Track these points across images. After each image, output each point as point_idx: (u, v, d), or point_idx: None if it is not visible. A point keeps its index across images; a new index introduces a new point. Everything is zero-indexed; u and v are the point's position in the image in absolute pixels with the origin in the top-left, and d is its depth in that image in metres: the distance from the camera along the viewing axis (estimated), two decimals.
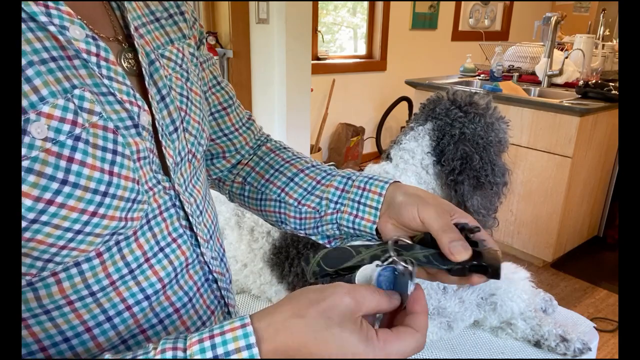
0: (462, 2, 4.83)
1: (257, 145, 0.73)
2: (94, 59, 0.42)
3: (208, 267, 0.55)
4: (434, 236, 0.48)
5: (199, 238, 0.53)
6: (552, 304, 1.12)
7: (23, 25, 0.38)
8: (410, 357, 0.99)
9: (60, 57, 0.40)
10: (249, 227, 1.15)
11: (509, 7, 5.29)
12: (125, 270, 0.45)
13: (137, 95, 0.45)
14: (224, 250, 0.63)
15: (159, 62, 0.51)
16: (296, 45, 2.43)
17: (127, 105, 0.44)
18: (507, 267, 1.06)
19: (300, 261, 1.08)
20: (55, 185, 0.38)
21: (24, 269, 0.40)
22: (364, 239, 0.60)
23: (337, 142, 4.10)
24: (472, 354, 0.97)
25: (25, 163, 0.36)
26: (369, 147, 4.38)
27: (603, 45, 3.23)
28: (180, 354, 0.37)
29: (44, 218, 0.38)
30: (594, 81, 2.62)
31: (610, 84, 2.55)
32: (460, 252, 0.45)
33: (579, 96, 2.57)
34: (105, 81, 0.43)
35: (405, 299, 0.42)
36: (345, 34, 4.37)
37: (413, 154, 1.03)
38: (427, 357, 0.95)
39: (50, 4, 0.39)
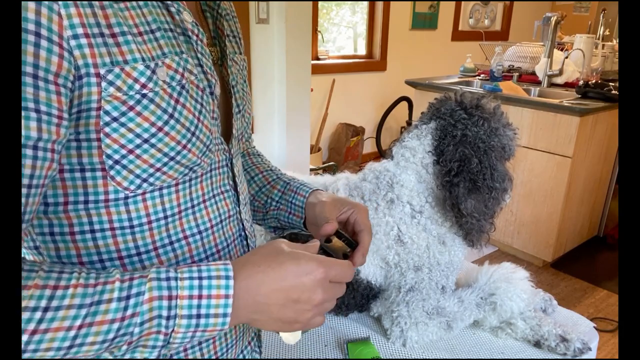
0: (462, 2, 4.83)
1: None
2: (194, 37, 0.57)
3: (242, 224, 0.69)
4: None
5: (240, 197, 0.68)
6: (552, 304, 1.12)
7: (154, 2, 0.53)
8: (410, 357, 1.00)
9: (173, 30, 0.55)
10: None
11: (509, 7, 5.30)
12: (189, 204, 0.59)
13: (215, 72, 0.60)
14: (252, 221, 0.77)
15: (232, 62, 0.69)
16: (296, 45, 2.43)
17: (209, 77, 0.59)
18: (506, 267, 1.06)
19: None
20: (165, 117, 0.52)
21: (125, 184, 0.52)
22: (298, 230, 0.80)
23: (337, 142, 4.10)
24: (472, 354, 0.97)
25: (150, 94, 0.50)
26: (369, 147, 4.39)
27: (603, 45, 3.23)
28: (172, 273, 0.49)
29: (153, 140, 0.51)
30: (594, 81, 2.62)
31: (610, 84, 2.55)
32: (325, 229, 0.66)
33: (579, 96, 2.57)
34: (199, 55, 0.57)
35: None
36: (345, 34, 4.37)
37: (414, 152, 1.02)
38: (427, 357, 0.95)
39: None
